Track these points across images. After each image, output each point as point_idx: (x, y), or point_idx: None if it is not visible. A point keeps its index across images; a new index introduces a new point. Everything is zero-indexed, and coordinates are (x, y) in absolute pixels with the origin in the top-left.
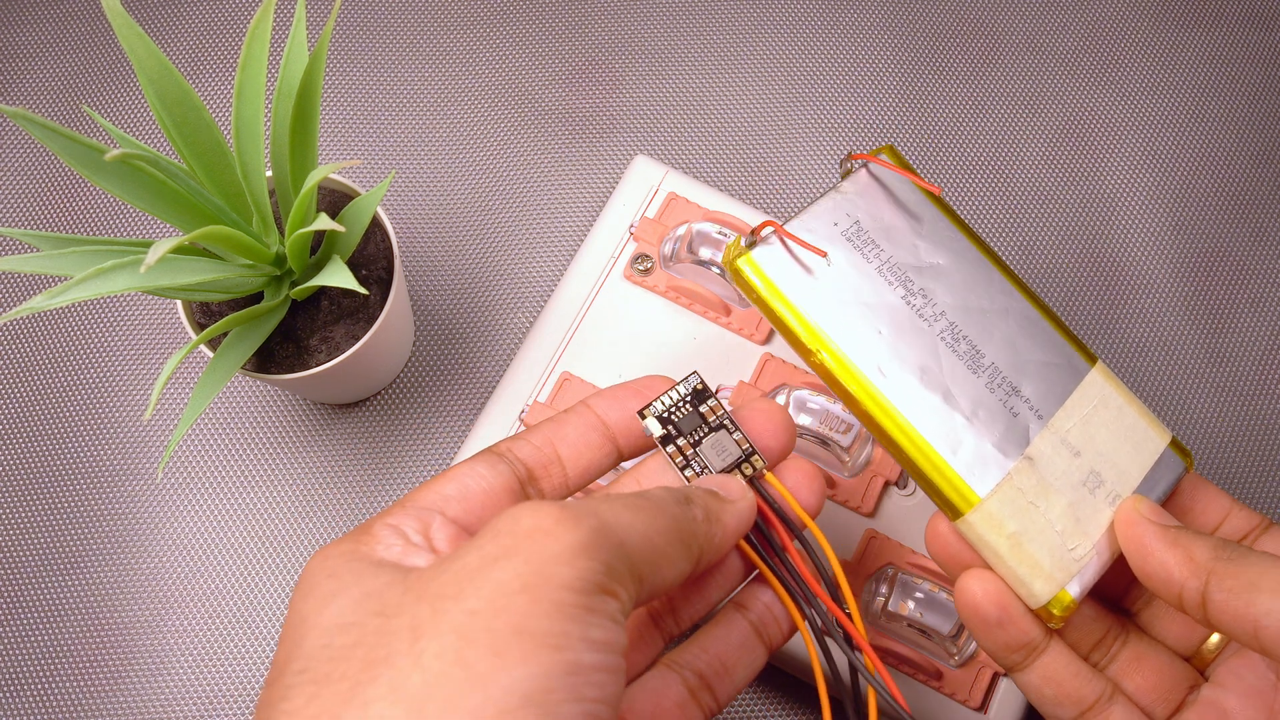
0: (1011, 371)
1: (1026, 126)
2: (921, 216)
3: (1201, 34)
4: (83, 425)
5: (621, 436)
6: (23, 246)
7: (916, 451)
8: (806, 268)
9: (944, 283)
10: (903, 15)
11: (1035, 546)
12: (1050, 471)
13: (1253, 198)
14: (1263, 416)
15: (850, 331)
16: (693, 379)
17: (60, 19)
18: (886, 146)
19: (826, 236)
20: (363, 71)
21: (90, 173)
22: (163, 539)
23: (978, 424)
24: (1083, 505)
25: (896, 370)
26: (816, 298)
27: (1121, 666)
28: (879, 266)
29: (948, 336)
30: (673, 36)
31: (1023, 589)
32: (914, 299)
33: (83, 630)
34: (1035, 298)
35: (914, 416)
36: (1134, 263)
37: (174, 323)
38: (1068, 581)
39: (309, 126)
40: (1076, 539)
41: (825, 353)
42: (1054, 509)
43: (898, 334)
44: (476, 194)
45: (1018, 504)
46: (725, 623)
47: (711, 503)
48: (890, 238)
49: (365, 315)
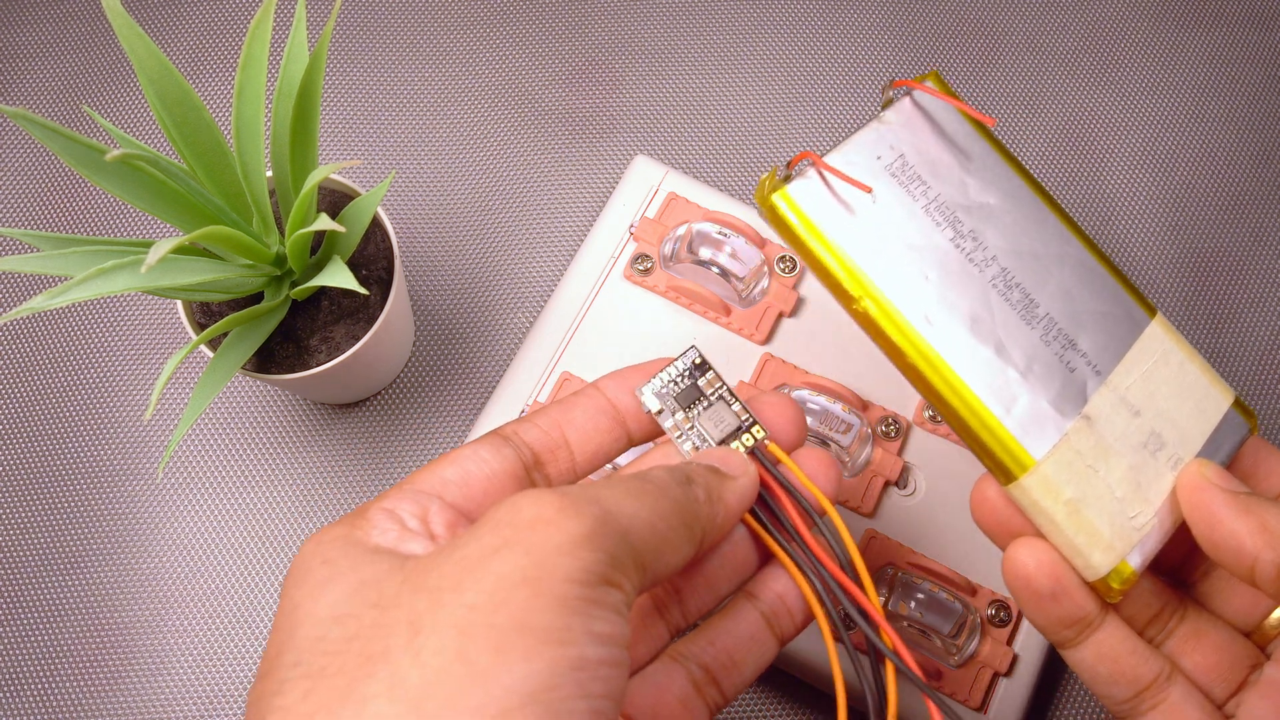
0: (1068, 323)
1: (1026, 126)
2: (971, 151)
3: (1201, 34)
4: (83, 425)
5: (631, 420)
6: (23, 246)
7: (966, 409)
8: (848, 206)
9: (995, 224)
10: (903, 15)
11: (1094, 513)
12: (1109, 432)
13: (1252, 198)
14: (1262, 416)
15: (896, 276)
16: (691, 353)
17: (60, 19)
18: (932, 73)
19: (869, 170)
20: (363, 71)
21: (90, 173)
22: (163, 539)
23: (1032, 380)
24: (1144, 469)
25: (945, 319)
26: (859, 238)
27: (1178, 643)
28: (925, 205)
29: (1000, 284)
30: (673, 36)
31: (1079, 559)
32: (964, 241)
33: (83, 630)
34: (1091, 243)
35: (964, 371)
36: (1134, 263)
37: (174, 323)
38: (1128, 552)
39: (309, 126)
40: (1137, 506)
41: (869, 299)
42: (1114, 473)
43: (946, 279)
44: (476, 194)
45: (1076, 467)
46: (734, 614)
47: (713, 480)
48: (937, 174)
49: (365, 315)
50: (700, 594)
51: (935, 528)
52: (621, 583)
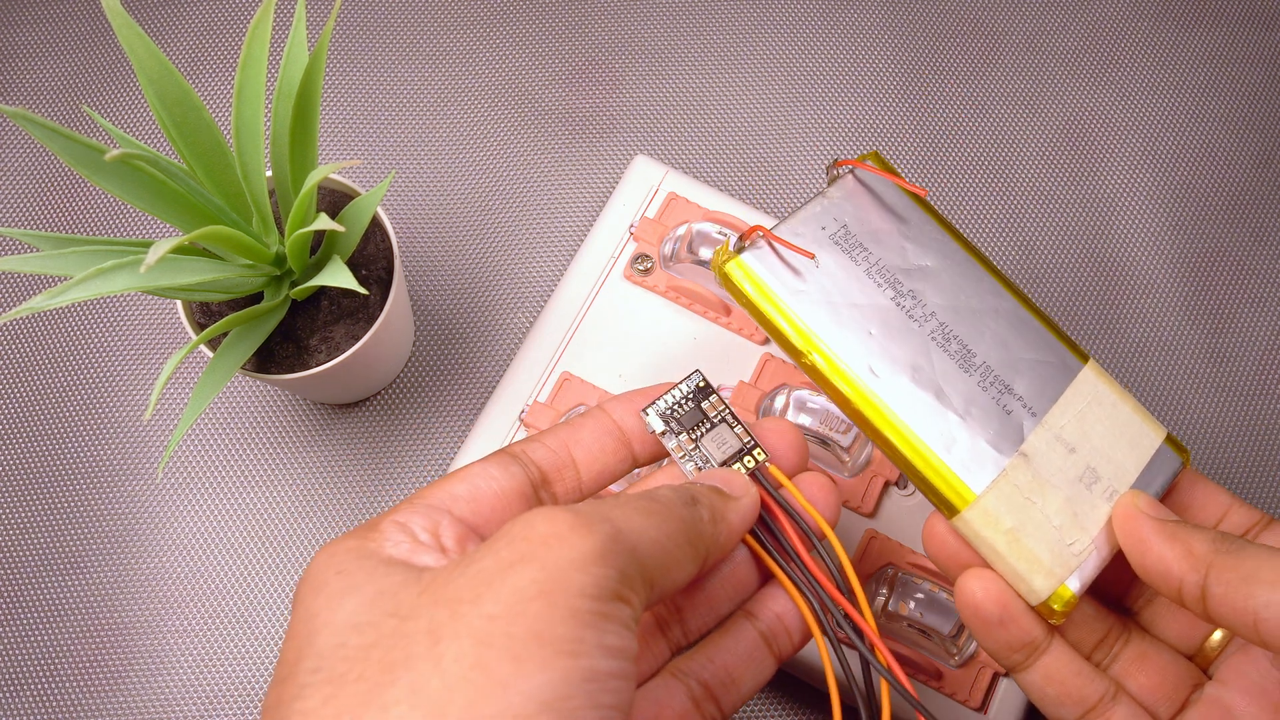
0: (1003, 370)
1: (1026, 126)
2: (908, 219)
3: (1202, 34)
4: (83, 425)
5: (637, 442)
6: (23, 246)
7: (911, 450)
8: (795, 270)
9: (933, 284)
10: (903, 15)
11: (1033, 542)
12: (1046, 467)
13: (1253, 198)
14: (1263, 416)
15: (841, 332)
16: (695, 377)
17: (60, 19)
18: (872, 153)
19: (814, 240)
20: (363, 71)
21: (90, 173)
22: (163, 539)
23: (971, 422)
24: (1080, 501)
25: (888, 370)
26: (806, 300)
27: (1124, 666)
28: (868, 269)
29: (938, 336)
30: (673, 36)
31: (1022, 585)
32: (904, 300)
33: (83, 630)
34: (1024, 298)
35: (907, 415)
36: (1134, 263)
37: (174, 323)
38: (1067, 576)
39: (309, 126)
40: (1075, 534)
41: (816, 354)
42: (1051, 505)
43: (888, 334)
44: (476, 194)
45: (1014, 500)
46: (734, 632)
47: (716, 501)
48: (878, 240)
49: (365, 315)
50: (701, 612)
51: None
52: (630, 598)
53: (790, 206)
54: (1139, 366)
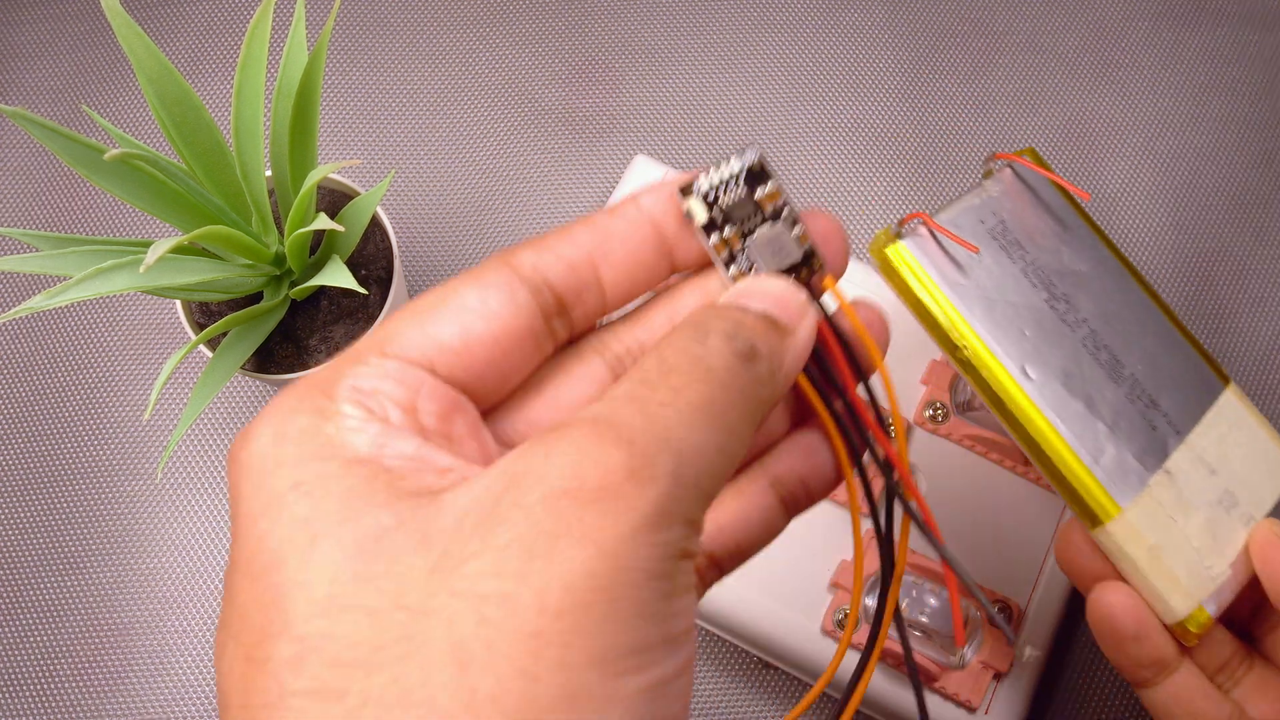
0: (1151, 384)
1: (1026, 126)
2: (1066, 222)
3: (1202, 34)
4: (82, 425)
5: (680, 248)
6: (23, 246)
7: (1059, 457)
8: (956, 262)
9: (1086, 290)
10: (903, 15)
11: (1173, 561)
12: (1188, 487)
13: (1253, 197)
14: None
15: (997, 329)
16: (750, 154)
17: (59, 18)
18: (1029, 149)
19: (973, 233)
20: (362, 71)
21: (90, 173)
22: (162, 539)
23: (1119, 434)
24: (1219, 524)
25: (1041, 373)
26: (964, 293)
27: (1245, 692)
28: (1024, 268)
29: (1089, 344)
30: (673, 36)
31: (1159, 604)
32: (1057, 303)
33: (83, 630)
34: (1171, 313)
35: (1058, 421)
36: (1135, 262)
37: (174, 323)
38: (1205, 598)
39: (308, 126)
40: (1213, 557)
41: (971, 349)
42: (1192, 525)
43: (1042, 336)
44: (476, 194)
45: (1157, 517)
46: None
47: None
48: (1034, 240)
49: (365, 315)
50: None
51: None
52: (694, 548)
53: None
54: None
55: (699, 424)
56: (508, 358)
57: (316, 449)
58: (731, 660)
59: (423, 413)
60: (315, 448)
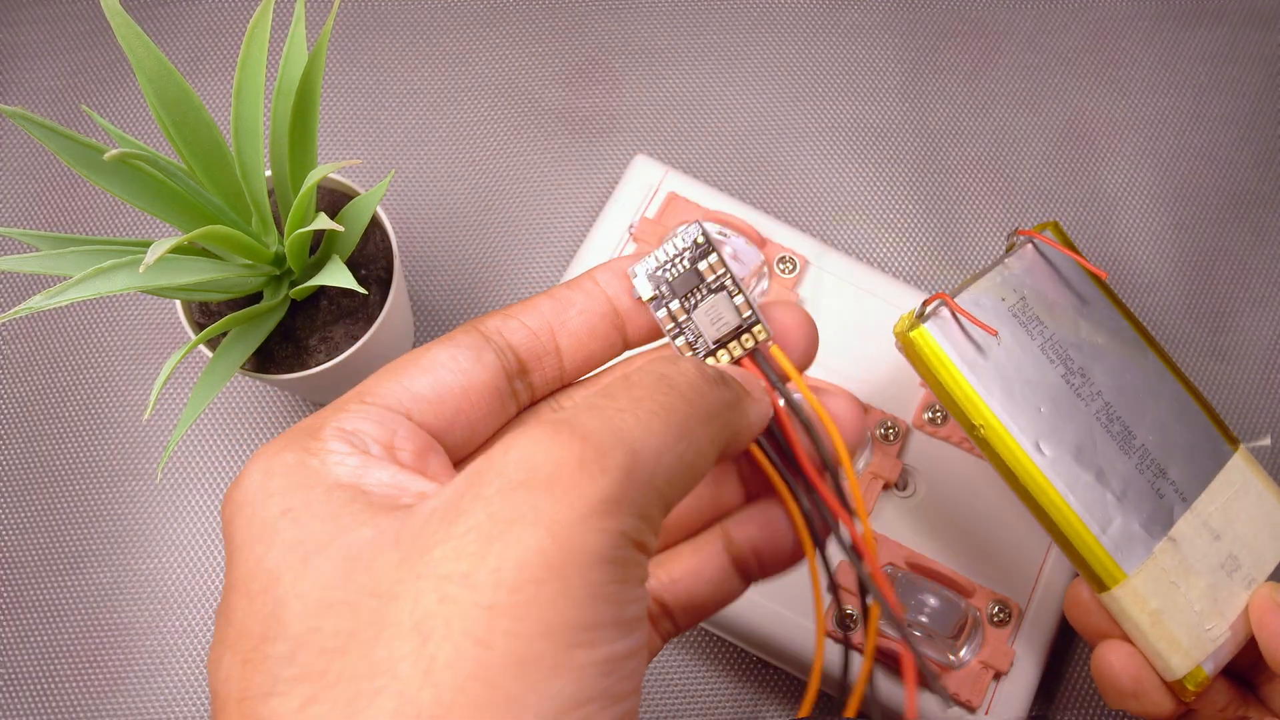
0: (1160, 453)
1: (1027, 125)
2: (1085, 296)
3: (1202, 34)
4: (82, 425)
5: (631, 323)
6: (22, 246)
7: (1069, 527)
8: (976, 344)
9: (1102, 363)
10: (903, 14)
11: (1175, 624)
12: (1192, 553)
13: (1254, 197)
14: (1264, 416)
15: (1014, 408)
16: (693, 229)
17: (59, 18)
18: (1051, 223)
19: (994, 312)
20: (362, 70)
21: (89, 172)
22: (162, 539)
23: (1127, 504)
24: (1220, 587)
25: (1054, 447)
26: (984, 374)
27: None
28: (1042, 344)
29: (1103, 416)
30: (673, 36)
31: (1159, 662)
32: (1073, 378)
33: (83, 630)
34: (1185, 379)
35: (1068, 493)
36: (1135, 262)
37: (173, 323)
38: (1203, 659)
39: (308, 126)
40: (1213, 619)
41: (988, 428)
42: (1194, 589)
43: (1057, 412)
44: (476, 194)
45: (1160, 582)
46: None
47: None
48: (1054, 315)
49: (365, 315)
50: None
51: (935, 528)
52: (648, 541)
53: (790, 206)
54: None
55: (656, 428)
56: (475, 409)
57: (302, 479)
58: (732, 660)
59: (400, 450)
60: (301, 478)
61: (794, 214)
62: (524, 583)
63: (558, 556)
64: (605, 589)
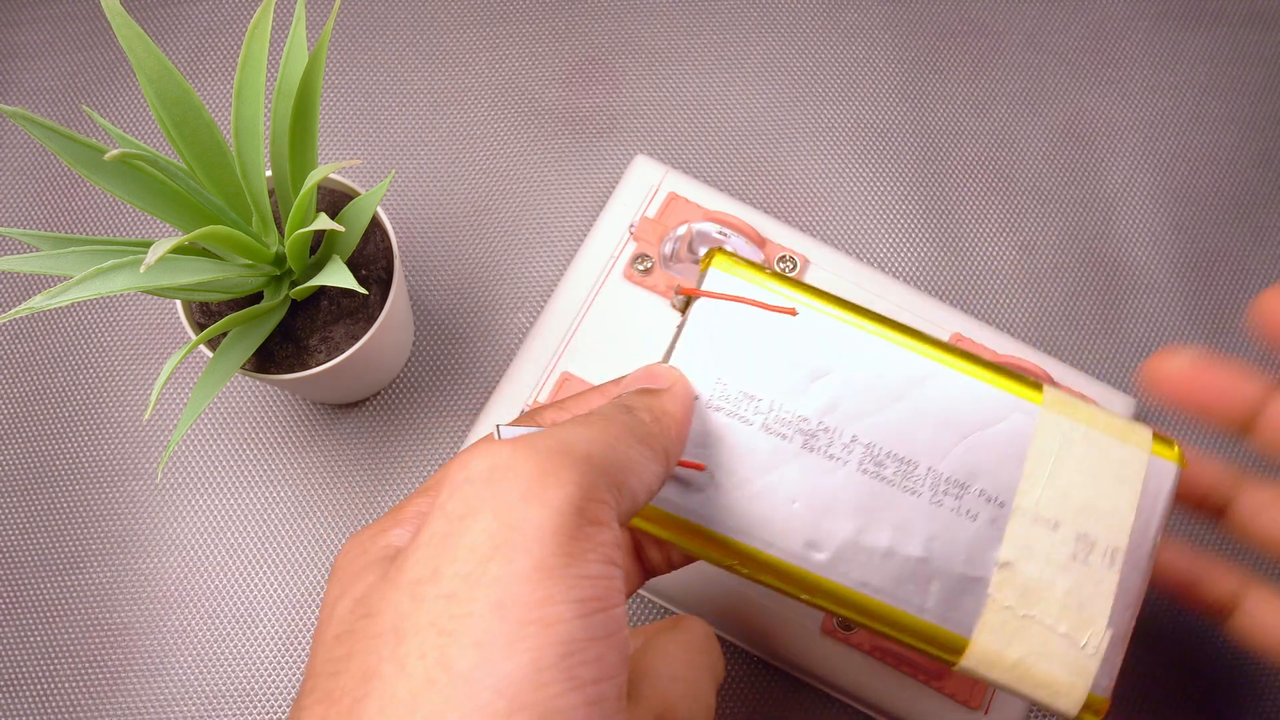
0: (953, 466)
1: (1027, 126)
2: (789, 329)
3: (1201, 34)
4: (82, 425)
5: None
6: (23, 246)
7: (880, 622)
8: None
9: (841, 393)
10: (902, 14)
11: (1045, 664)
12: (1033, 566)
13: (1254, 197)
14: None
15: (764, 524)
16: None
17: (59, 18)
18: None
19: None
20: (363, 70)
21: (90, 172)
22: (163, 539)
23: (936, 559)
24: (1082, 582)
25: (828, 539)
26: (712, 508)
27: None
28: (764, 422)
29: (869, 465)
30: (673, 36)
31: (1049, 710)
32: (817, 440)
33: (83, 630)
34: (947, 347)
35: (865, 586)
36: (1134, 263)
37: (174, 323)
38: (1091, 683)
39: (309, 126)
40: (1085, 631)
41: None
42: (1050, 607)
43: (814, 493)
44: (476, 194)
45: (1009, 625)
46: None
47: (651, 401)
48: (762, 376)
49: (365, 315)
50: None
51: None
52: (601, 513)
53: (790, 206)
54: (1139, 367)
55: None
56: None
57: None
58: (731, 660)
59: None
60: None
61: (794, 214)
62: (477, 564)
63: (502, 534)
64: (553, 562)
